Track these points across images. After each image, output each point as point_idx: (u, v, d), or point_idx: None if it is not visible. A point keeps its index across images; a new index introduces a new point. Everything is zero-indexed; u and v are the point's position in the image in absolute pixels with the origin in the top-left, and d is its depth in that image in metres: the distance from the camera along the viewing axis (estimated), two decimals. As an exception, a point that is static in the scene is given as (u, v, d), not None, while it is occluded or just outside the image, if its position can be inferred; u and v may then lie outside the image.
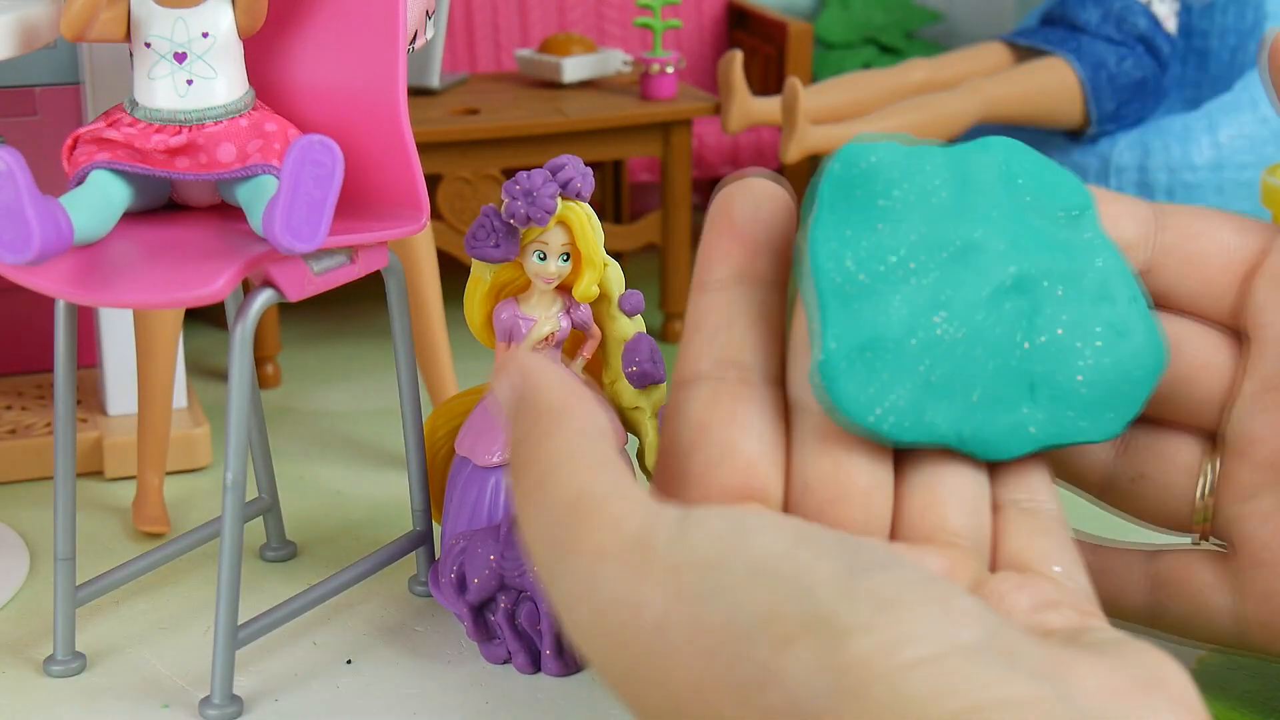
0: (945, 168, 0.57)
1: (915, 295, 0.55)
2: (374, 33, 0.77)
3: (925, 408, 0.54)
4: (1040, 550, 0.54)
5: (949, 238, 0.55)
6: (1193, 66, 1.43)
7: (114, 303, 0.70)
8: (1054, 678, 0.42)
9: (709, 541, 0.45)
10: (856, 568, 0.43)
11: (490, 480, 0.80)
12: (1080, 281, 0.56)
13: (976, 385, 0.54)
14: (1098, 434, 0.55)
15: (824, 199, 0.56)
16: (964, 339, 0.54)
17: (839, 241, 0.55)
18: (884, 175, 0.56)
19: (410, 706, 0.76)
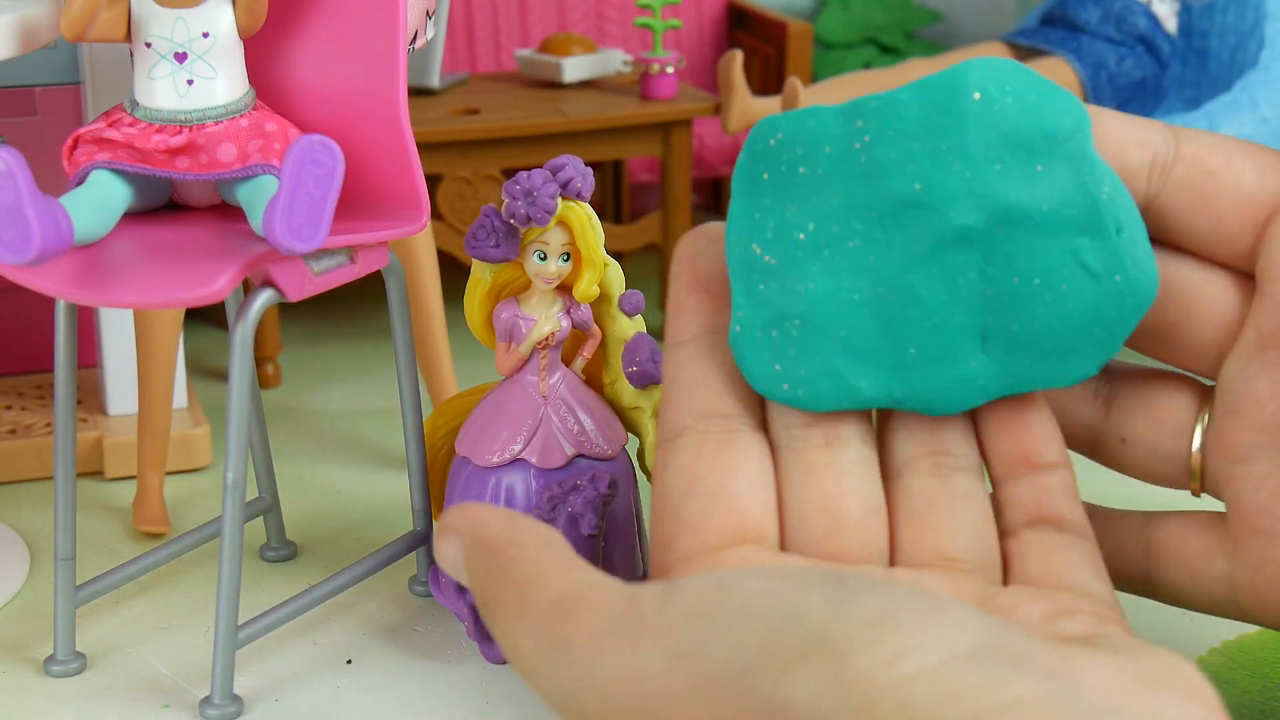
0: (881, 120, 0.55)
1: (833, 266, 0.54)
2: (374, 33, 0.77)
3: (848, 374, 0.53)
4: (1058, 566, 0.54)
5: (879, 197, 0.54)
6: (1193, 66, 1.43)
7: (114, 303, 0.70)
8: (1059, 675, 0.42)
9: (696, 598, 0.46)
10: (845, 592, 0.44)
11: (490, 480, 0.80)
12: (1052, 217, 0.54)
13: (911, 344, 0.54)
14: (1063, 379, 0.53)
15: (736, 184, 0.56)
16: (894, 300, 0.54)
17: (748, 226, 0.55)
18: (792, 150, 0.55)
19: (410, 706, 0.76)
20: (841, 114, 0.56)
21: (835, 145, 0.55)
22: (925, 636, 0.42)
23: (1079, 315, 0.53)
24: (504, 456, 0.79)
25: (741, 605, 0.45)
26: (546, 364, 0.80)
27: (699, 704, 0.44)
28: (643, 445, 0.83)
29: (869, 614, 0.43)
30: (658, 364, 0.81)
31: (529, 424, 0.79)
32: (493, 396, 0.81)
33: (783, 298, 0.55)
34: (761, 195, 0.56)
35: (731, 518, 0.54)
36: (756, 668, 0.43)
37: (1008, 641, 0.43)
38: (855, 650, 0.42)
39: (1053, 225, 0.54)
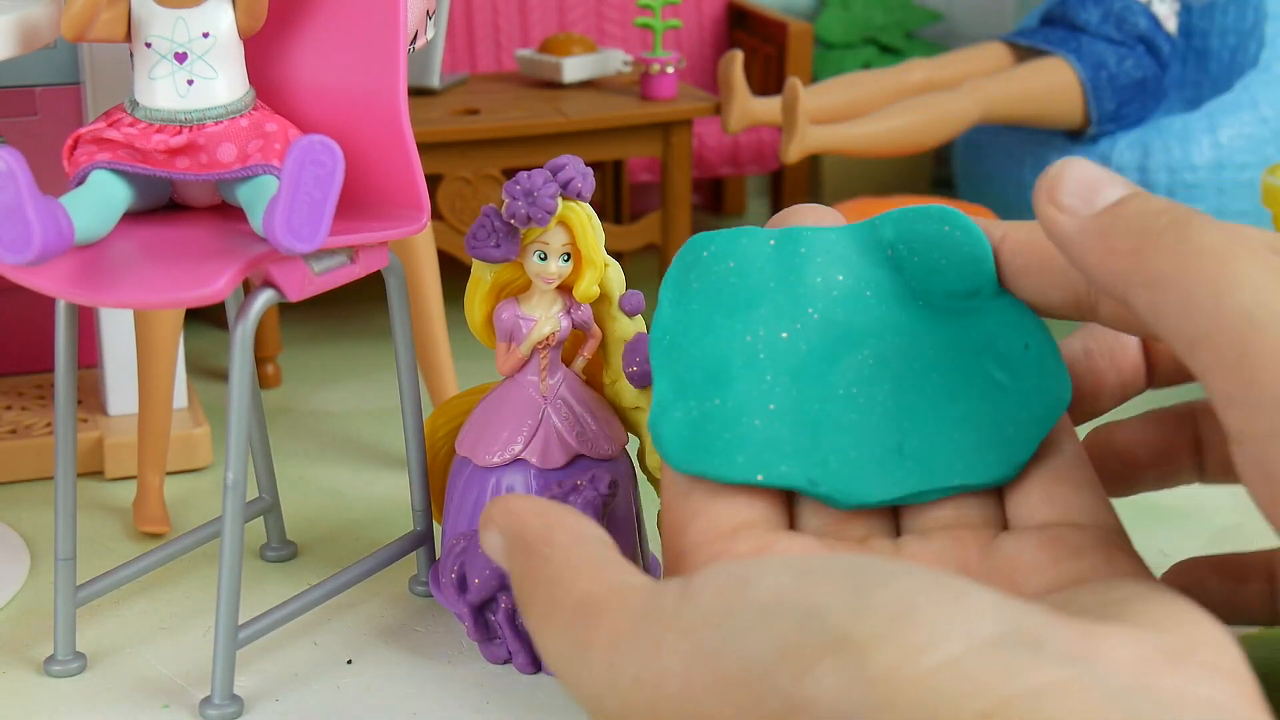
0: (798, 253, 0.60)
1: (755, 364, 0.58)
2: (374, 33, 0.77)
3: (766, 455, 0.56)
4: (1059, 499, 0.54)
5: (803, 315, 0.59)
6: (1193, 66, 1.43)
7: (114, 303, 0.70)
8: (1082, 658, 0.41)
9: (714, 597, 0.46)
10: (863, 585, 0.43)
11: (490, 480, 0.80)
12: (958, 342, 0.58)
13: (828, 437, 0.57)
14: (979, 479, 0.56)
15: (665, 290, 0.60)
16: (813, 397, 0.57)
17: (675, 324, 0.59)
18: (724, 263, 0.60)
19: (410, 706, 0.76)
20: (774, 237, 0.62)
21: (766, 264, 0.61)
22: (946, 627, 0.42)
23: (991, 422, 0.57)
24: (504, 457, 0.79)
25: (759, 604, 0.44)
26: (547, 364, 0.80)
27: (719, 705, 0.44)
28: (643, 445, 0.83)
29: (888, 608, 0.42)
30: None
31: (529, 424, 0.79)
32: (493, 396, 0.81)
33: (706, 385, 0.58)
34: (691, 300, 0.60)
35: (742, 499, 0.55)
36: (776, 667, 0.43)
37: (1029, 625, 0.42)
38: (876, 646, 0.41)
39: (962, 346, 0.58)
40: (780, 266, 0.60)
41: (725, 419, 0.57)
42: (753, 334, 0.59)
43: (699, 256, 0.60)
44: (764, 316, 0.59)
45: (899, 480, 0.56)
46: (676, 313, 0.60)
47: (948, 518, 0.55)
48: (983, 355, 0.58)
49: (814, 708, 0.42)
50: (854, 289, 0.59)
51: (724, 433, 0.56)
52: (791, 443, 0.56)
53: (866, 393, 0.57)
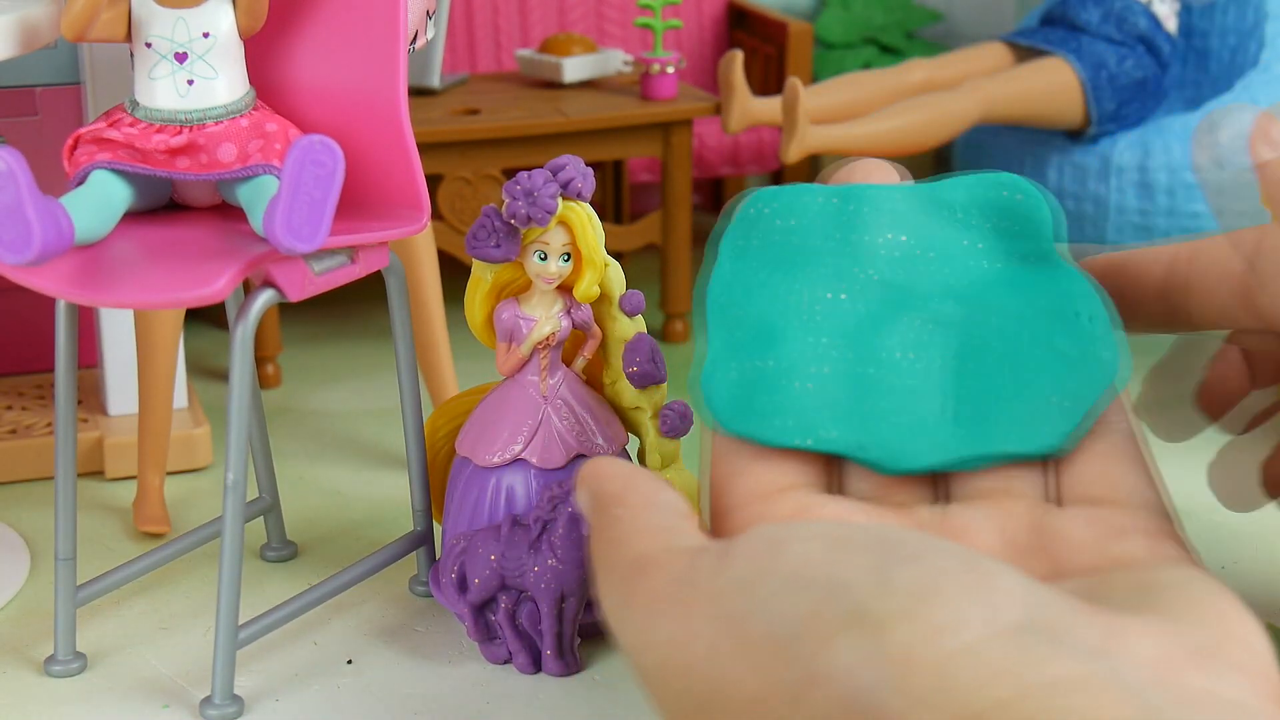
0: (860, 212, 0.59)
1: (810, 324, 0.58)
2: (374, 33, 0.77)
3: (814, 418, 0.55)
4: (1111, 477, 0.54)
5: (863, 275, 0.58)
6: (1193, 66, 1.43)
7: (115, 303, 0.70)
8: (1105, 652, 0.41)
9: (746, 563, 0.46)
10: (889, 561, 0.43)
11: (490, 480, 0.80)
12: (1020, 310, 0.57)
13: (879, 400, 0.56)
14: (1029, 448, 0.55)
15: (724, 246, 0.59)
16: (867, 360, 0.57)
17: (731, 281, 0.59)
18: (785, 220, 0.59)
19: (410, 706, 0.76)
20: (835, 195, 0.60)
21: (825, 223, 0.60)
22: (968, 611, 0.41)
23: (1047, 391, 0.56)
24: (504, 456, 0.79)
25: (787, 573, 0.45)
26: (547, 364, 0.80)
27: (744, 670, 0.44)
28: (643, 445, 0.83)
29: (912, 586, 0.42)
30: (658, 364, 0.81)
31: (529, 424, 0.79)
32: (493, 397, 0.81)
33: (757, 345, 0.58)
34: (749, 257, 0.60)
35: (787, 461, 0.55)
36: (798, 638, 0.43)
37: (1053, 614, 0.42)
38: (895, 624, 0.41)
39: (1025, 314, 0.58)
40: (840, 226, 0.59)
41: (775, 380, 0.56)
42: (808, 294, 0.58)
43: (759, 213, 0.60)
44: (821, 276, 0.58)
45: (947, 446, 0.55)
46: (735, 269, 0.59)
47: (996, 486, 0.55)
48: (1042, 324, 0.57)
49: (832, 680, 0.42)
50: (915, 250, 0.59)
51: (773, 394, 0.56)
52: (841, 407, 0.56)
53: (921, 357, 0.57)
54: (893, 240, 0.59)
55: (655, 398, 0.82)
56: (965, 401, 0.56)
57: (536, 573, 0.76)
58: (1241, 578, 0.88)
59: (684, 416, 0.81)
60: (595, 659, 0.80)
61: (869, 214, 0.59)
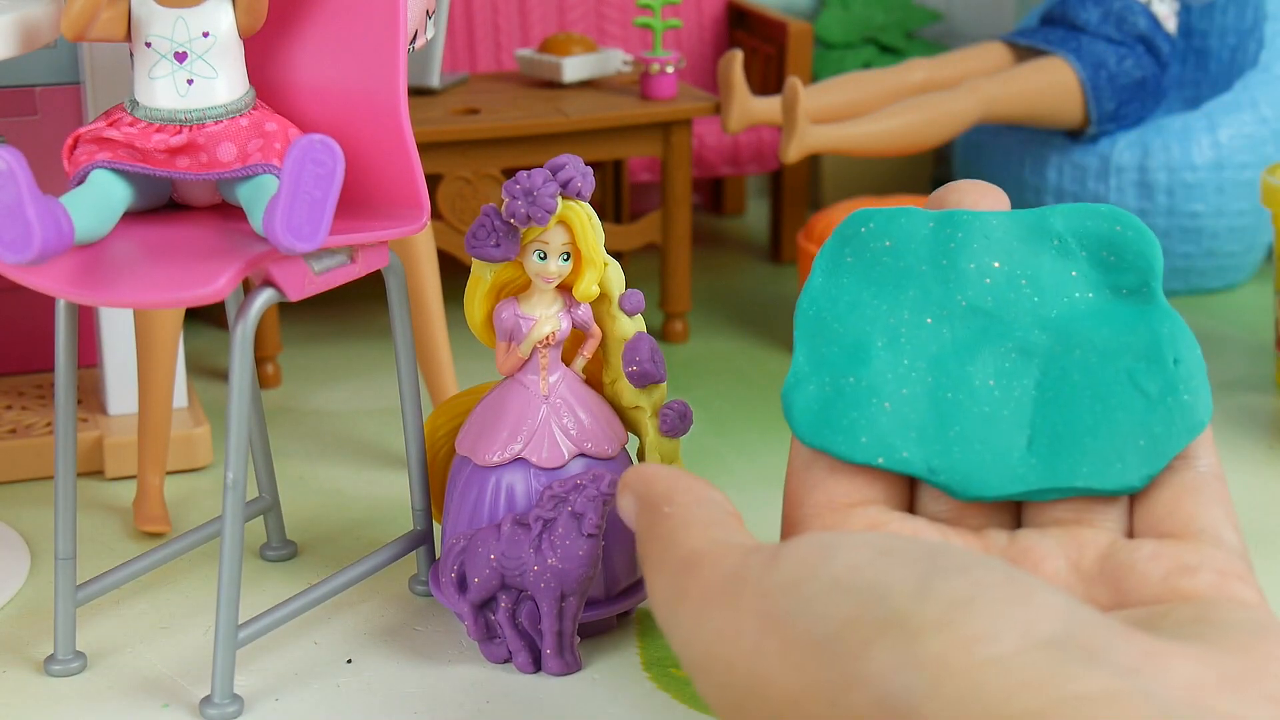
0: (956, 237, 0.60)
1: (896, 345, 0.59)
2: (374, 33, 0.77)
3: (892, 438, 0.56)
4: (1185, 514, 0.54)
5: (953, 300, 0.59)
6: (1193, 66, 1.43)
7: (115, 302, 0.70)
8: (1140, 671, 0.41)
9: (796, 565, 0.47)
10: (933, 571, 0.44)
11: (490, 480, 0.80)
12: (1107, 346, 0.58)
13: (957, 425, 0.56)
14: (1104, 484, 0.56)
15: (820, 262, 0.61)
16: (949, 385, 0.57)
17: (825, 297, 0.60)
18: (880, 241, 0.60)
19: (410, 706, 0.76)
20: (933, 219, 0.61)
21: (922, 246, 0.61)
22: (1004, 624, 0.42)
23: (1127, 430, 0.57)
24: (504, 456, 0.79)
25: (832, 577, 0.45)
26: (547, 363, 0.80)
27: (786, 668, 0.45)
28: (643, 445, 0.83)
29: (951, 596, 0.43)
30: (658, 363, 0.81)
31: (529, 424, 0.79)
32: (493, 396, 0.81)
33: (844, 361, 0.59)
34: (843, 274, 0.61)
35: (862, 478, 0.55)
36: (839, 640, 0.43)
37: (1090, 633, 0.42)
38: (931, 631, 0.42)
39: (1112, 350, 0.58)
40: (935, 250, 0.60)
41: (856, 398, 0.57)
42: (897, 316, 0.59)
43: (856, 232, 0.61)
44: (912, 299, 0.59)
45: (1021, 477, 0.56)
46: (827, 285, 0.60)
47: (1070, 517, 0.55)
48: (1130, 363, 0.58)
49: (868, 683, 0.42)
50: (1009, 277, 0.59)
51: (852, 411, 0.57)
52: (918, 429, 0.57)
53: (1003, 386, 0.58)
54: (986, 267, 0.59)
55: (655, 397, 0.82)
56: (1044, 433, 0.57)
57: (536, 572, 0.76)
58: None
59: (683, 416, 0.81)
60: (595, 659, 0.80)
61: (965, 239, 0.60)
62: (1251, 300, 1.34)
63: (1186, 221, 1.31)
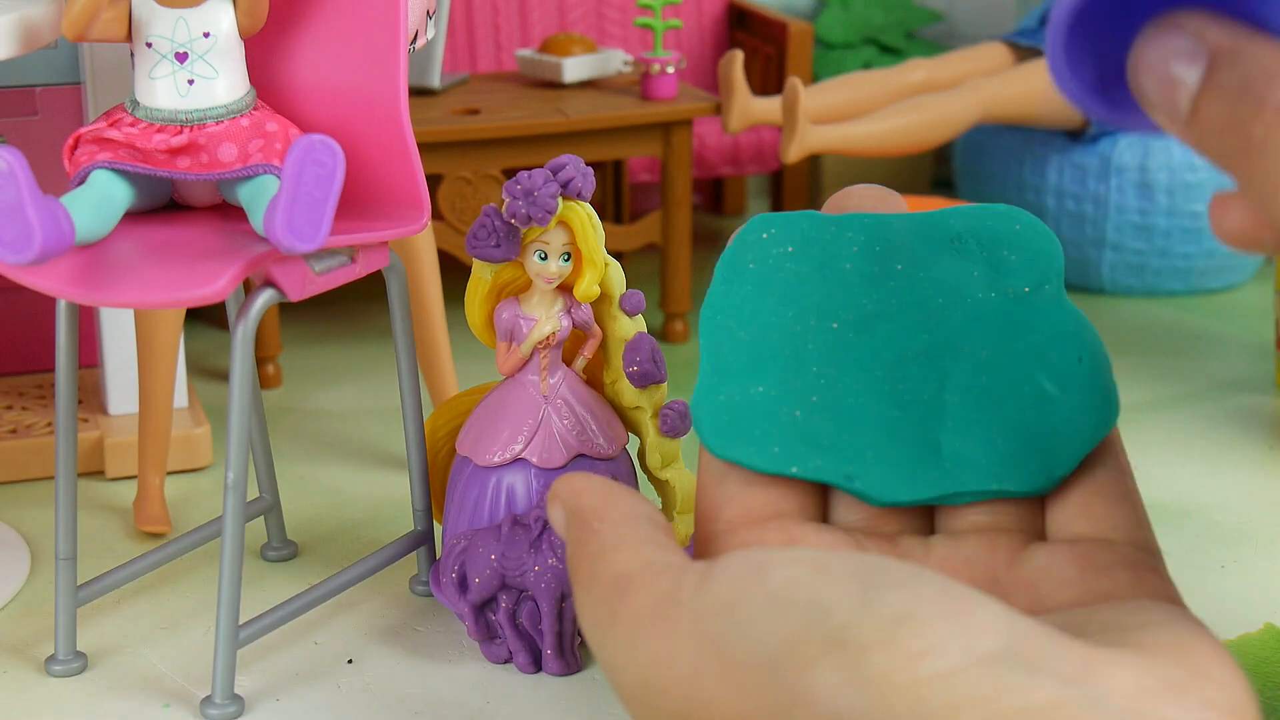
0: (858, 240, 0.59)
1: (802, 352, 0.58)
2: (375, 33, 0.77)
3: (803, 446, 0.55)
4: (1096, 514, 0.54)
5: (855, 305, 0.59)
6: (1193, 66, 1.43)
7: (115, 302, 0.70)
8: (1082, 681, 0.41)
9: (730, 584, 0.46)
10: (871, 586, 0.44)
11: (491, 480, 0.80)
12: (1010, 347, 0.58)
13: (866, 432, 0.56)
14: (1016, 486, 0.56)
15: (721, 269, 0.60)
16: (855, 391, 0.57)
17: (726, 305, 0.59)
18: (782, 246, 0.60)
19: (411, 706, 0.76)
20: (834, 223, 0.60)
21: (824, 251, 0.60)
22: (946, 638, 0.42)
23: (1038, 430, 0.57)
24: (505, 456, 0.79)
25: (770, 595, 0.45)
26: (547, 364, 0.80)
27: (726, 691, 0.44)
28: (643, 445, 0.83)
29: (892, 612, 0.43)
30: (658, 364, 0.81)
31: (530, 424, 0.79)
32: (493, 396, 0.81)
33: (751, 370, 0.58)
34: (745, 281, 0.60)
35: (776, 489, 0.55)
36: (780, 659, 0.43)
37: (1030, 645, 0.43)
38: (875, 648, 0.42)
39: (1017, 350, 0.58)
40: (838, 254, 0.59)
41: (766, 407, 0.56)
42: (803, 322, 0.58)
43: (757, 238, 0.60)
44: (816, 305, 0.59)
45: (934, 481, 0.56)
46: (730, 293, 0.59)
47: (982, 521, 0.55)
48: (1034, 363, 0.58)
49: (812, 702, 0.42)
50: (911, 280, 0.59)
51: (763, 421, 0.56)
52: (829, 436, 0.56)
53: (910, 390, 0.57)
54: (889, 270, 0.59)
55: (655, 397, 0.82)
56: (952, 436, 0.57)
57: (537, 572, 0.76)
58: (1241, 577, 0.88)
59: (684, 416, 0.81)
60: (595, 659, 0.80)
61: (867, 243, 0.59)
62: (1251, 300, 1.34)
63: (1187, 221, 1.31)
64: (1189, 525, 0.94)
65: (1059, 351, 0.58)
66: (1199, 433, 1.07)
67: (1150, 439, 1.06)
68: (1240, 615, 0.83)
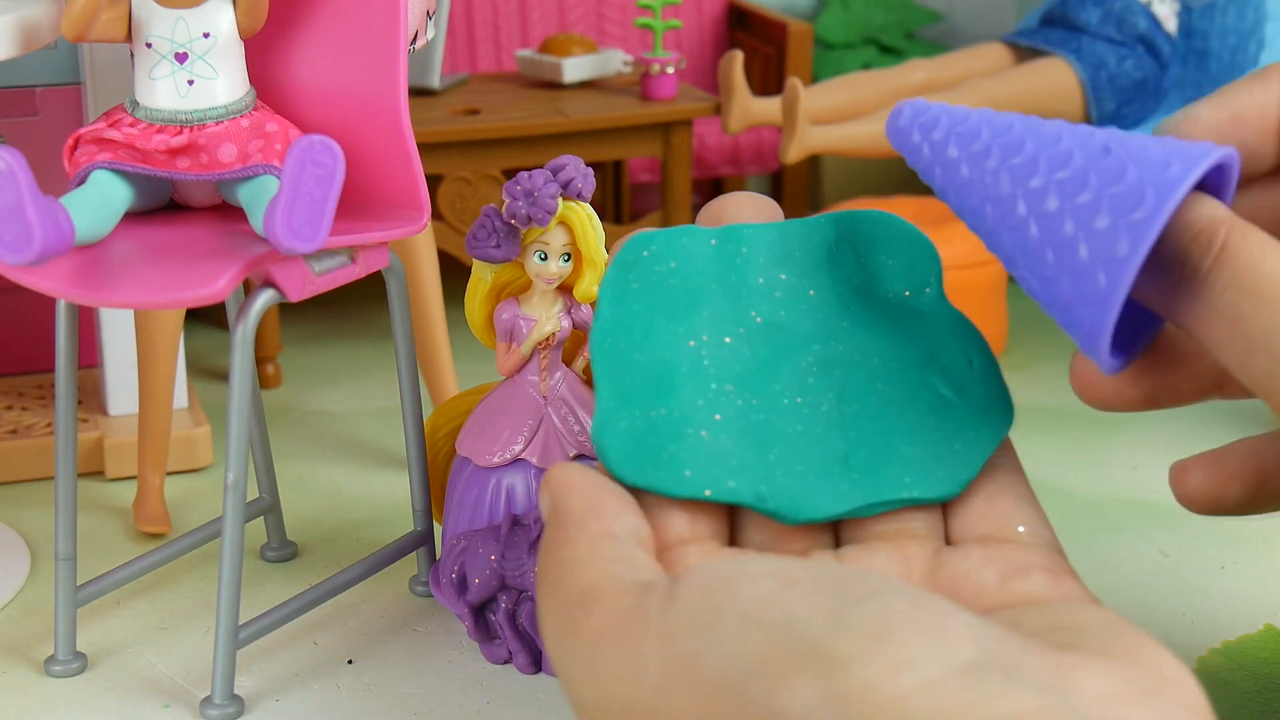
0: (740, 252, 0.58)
1: (699, 370, 0.56)
2: (374, 33, 0.77)
3: (713, 469, 0.54)
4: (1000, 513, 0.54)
5: (746, 317, 0.57)
6: (1193, 67, 1.43)
7: (115, 303, 0.70)
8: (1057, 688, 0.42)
9: (698, 601, 0.46)
10: (845, 602, 0.44)
11: (491, 480, 0.80)
12: (902, 353, 0.57)
13: (773, 450, 0.55)
14: (927, 493, 0.55)
15: (604, 292, 0.58)
16: (759, 408, 0.56)
17: (616, 328, 0.57)
18: (664, 263, 0.58)
19: (410, 706, 0.76)
20: (715, 236, 0.59)
21: (708, 264, 0.59)
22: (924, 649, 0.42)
23: (940, 436, 0.56)
24: (505, 457, 0.79)
25: (740, 612, 0.45)
26: (547, 364, 0.80)
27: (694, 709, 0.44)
28: (643, 445, 0.83)
29: (868, 626, 0.43)
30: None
31: (530, 424, 0.79)
32: (493, 396, 0.81)
33: (649, 392, 0.56)
34: (631, 301, 0.58)
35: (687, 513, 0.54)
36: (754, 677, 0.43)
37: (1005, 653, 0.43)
38: (854, 663, 0.42)
39: (907, 357, 0.57)
40: (722, 266, 0.58)
41: (670, 430, 0.55)
42: (695, 339, 0.57)
43: (638, 256, 0.58)
44: (706, 320, 0.57)
45: (846, 494, 0.55)
46: (617, 314, 0.57)
47: (891, 529, 0.55)
48: (927, 369, 0.57)
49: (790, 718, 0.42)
50: (797, 289, 0.58)
51: (669, 445, 0.54)
52: (738, 456, 0.55)
53: (810, 402, 0.56)
54: (774, 280, 0.58)
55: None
56: (857, 447, 0.56)
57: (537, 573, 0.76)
58: (1241, 577, 0.88)
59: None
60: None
61: (750, 254, 0.58)
62: (1251, 300, 1.34)
63: (1186, 222, 1.31)
64: (1189, 525, 0.94)
65: (949, 355, 0.57)
66: (1198, 433, 1.07)
67: (1150, 439, 1.06)
68: (1240, 615, 0.83)
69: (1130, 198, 0.48)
